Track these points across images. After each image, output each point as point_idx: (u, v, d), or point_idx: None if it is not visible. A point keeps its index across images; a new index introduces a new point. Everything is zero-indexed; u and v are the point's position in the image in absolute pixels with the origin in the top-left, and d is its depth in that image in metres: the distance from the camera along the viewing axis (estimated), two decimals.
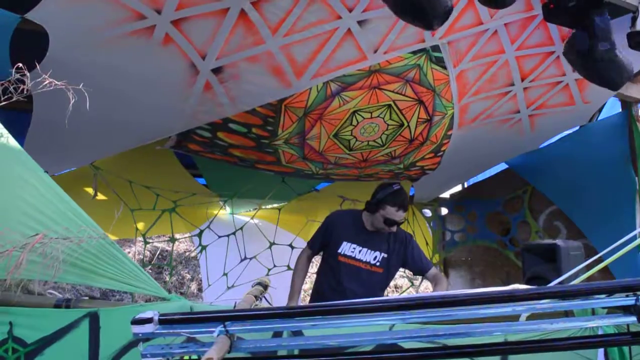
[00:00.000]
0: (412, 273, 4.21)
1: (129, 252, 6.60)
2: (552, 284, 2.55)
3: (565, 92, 3.65)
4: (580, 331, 1.24)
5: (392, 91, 3.16)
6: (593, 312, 1.11)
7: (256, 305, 1.51)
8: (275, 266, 4.27)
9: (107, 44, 2.48)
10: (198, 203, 3.99)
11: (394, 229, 2.93)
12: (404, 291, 6.69)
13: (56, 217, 1.43)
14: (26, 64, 2.46)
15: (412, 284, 5.47)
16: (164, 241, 4.40)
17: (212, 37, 2.61)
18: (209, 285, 4.07)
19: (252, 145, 3.38)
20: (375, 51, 2.88)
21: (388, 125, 3.41)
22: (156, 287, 1.46)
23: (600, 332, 1.26)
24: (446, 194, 5.53)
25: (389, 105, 3.26)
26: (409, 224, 5.14)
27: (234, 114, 3.10)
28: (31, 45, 2.43)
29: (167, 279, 5.48)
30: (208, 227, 4.04)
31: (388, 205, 2.85)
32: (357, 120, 3.30)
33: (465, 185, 5.49)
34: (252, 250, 4.16)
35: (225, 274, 4.08)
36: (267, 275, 4.23)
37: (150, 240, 4.00)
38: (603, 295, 1.10)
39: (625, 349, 1.26)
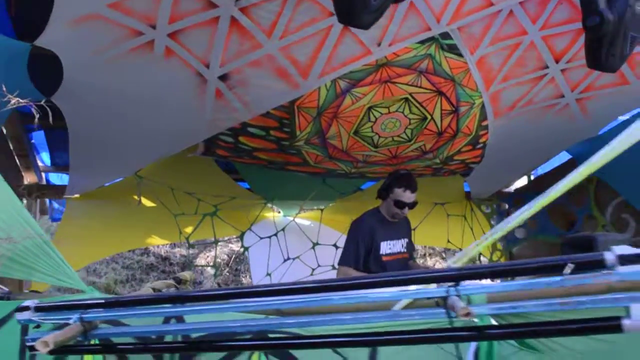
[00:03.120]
0: None
1: (207, 256, 7.00)
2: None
3: None
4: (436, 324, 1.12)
5: (407, 84, 3.06)
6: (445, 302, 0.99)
7: None
8: (319, 266, 4.30)
9: (115, 61, 2.66)
10: (239, 206, 4.13)
11: (406, 211, 3.00)
12: None
13: (3, 216, 1.57)
14: (48, 86, 2.76)
15: None
16: (234, 242, 4.59)
17: (210, 45, 2.70)
18: None
19: (274, 147, 3.44)
20: (379, 44, 2.81)
21: (410, 119, 3.31)
22: (77, 281, 1.56)
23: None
24: (511, 188, 5.21)
25: (406, 99, 3.15)
26: (465, 220, 4.93)
27: (250, 119, 3.18)
28: (50, 68, 2.69)
29: (243, 279, 5.73)
30: (249, 229, 4.17)
31: (395, 187, 3.00)
32: (374, 117, 3.24)
33: (532, 179, 5.14)
34: (295, 251, 4.23)
35: (268, 274, 4.18)
36: (312, 275, 4.27)
37: (195, 244, 4.21)
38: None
39: (496, 345, 1.11)
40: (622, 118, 3.89)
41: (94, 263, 6.82)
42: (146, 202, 3.90)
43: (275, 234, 4.23)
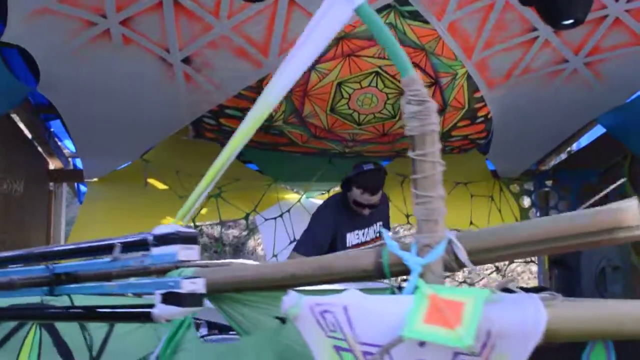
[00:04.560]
0: None
1: (258, 237, 7.22)
2: None
3: (620, 27, 2.89)
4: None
5: (373, 56, 2.92)
6: None
7: None
8: None
9: (81, 53, 2.82)
10: (245, 188, 4.20)
11: (367, 211, 2.75)
12: (489, 274, 6.06)
13: None
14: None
15: (497, 269, 4.88)
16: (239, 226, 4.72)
17: (163, 30, 2.76)
18: None
19: None
20: None
21: (387, 94, 3.16)
22: None
23: None
24: (546, 166, 4.78)
25: (377, 73, 3.01)
26: (493, 201, 4.61)
27: (225, 100, 3.22)
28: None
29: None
30: (254, 210, 4.24)
31: (354, 186, 2.71)
32: (347, 93, 3.13)
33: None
34: (301, 232, 4.22)
35: (275, 255, 4.22)
36: None
37: (199, 224, 4.35)
38: None
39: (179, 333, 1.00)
40: None
41: None
42: (156, 185, 4.11)
43: (281, 215, 4.26)
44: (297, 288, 0.87)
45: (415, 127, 0.74)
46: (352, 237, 2.92)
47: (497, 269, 7.20)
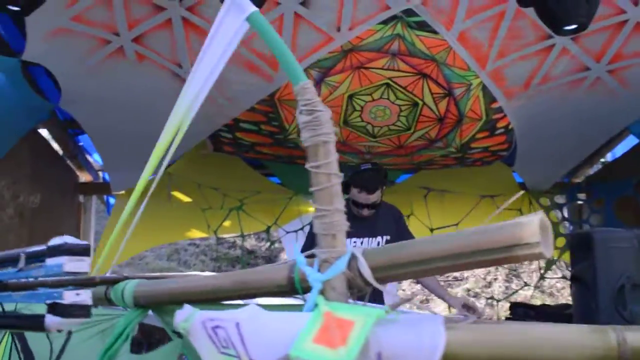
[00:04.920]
0: None
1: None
2: None
3: None
4: None
5: (382, 68, 2.89)
6: None
7: None
8: None
9: (99, 69, 2.92)
10: (266, 201, 4.22)
11: (366, 211, 2.68)
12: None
13: None
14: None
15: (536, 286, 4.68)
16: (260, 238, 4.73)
17: (174, 46, 2.83)
18: None
19: (270, 142, 3.48)
20: (339, 29, 2.70)
21: (400, 106, 3.11)
22: None
23: None
24: (579, 178, 4.58)
25: (387, 85, 2.98)
26: (522, 215, 4.44)
27: (238, 114, 3.26)
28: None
29: None
30: (275, 223, 4.24)
31: (352, 186, 2.66)
32: (359, 105, 3.11)
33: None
34: None
35: None
36: None
37: (223, 237, 4.38)
38: None
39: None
40: None
41: (184, 254, 7.45)
42: (180, 198, 4.19)
43: (302, 228, 4.24)
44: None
45: (307, 138, 0.71)
46: (350, 245, 2.86)
47: (536, 286, 6.93)
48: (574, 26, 2.08)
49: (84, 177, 4.37)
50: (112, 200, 4.57)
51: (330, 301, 0.69)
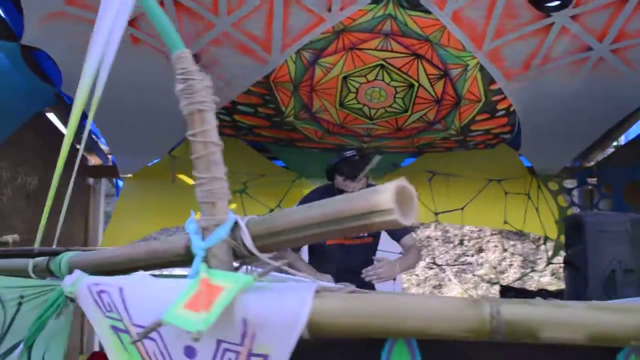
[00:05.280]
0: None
1: None
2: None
3: None
4: None
5: (375, 49, 2.86)
6: None
7: None
8: None
9: None
10: (269, 184, 4.24)
11: None
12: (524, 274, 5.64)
13: None
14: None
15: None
16: None
17: None
18: None
19: (268, 124, 3.48)
20: (329, 9, 2.68)
21: (395, 88, 3.08)
22: None
23: None
24: (590, 162, 4.46)
25: (381, 65, 2.95)
26: (530, 199, 4.38)
27: (235, 97, 3.27)
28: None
29: None
30: (278, 206, 4.27)
31: (336, 173, 2.65)
32: (354, 87, 3.09)
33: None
34: None
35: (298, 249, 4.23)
36: None
37: None
38: None
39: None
40: None
41: None
42: (185, 180, 4.25)
43: None
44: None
45: (184, 107, 0.72)
46: None
47: (553, 273, 6.82)
48: (556, 2, 2.01)
49: (93, 160, 4.47)
50: (120, 183, 4.67)
51: (212, 269, 0.70)
